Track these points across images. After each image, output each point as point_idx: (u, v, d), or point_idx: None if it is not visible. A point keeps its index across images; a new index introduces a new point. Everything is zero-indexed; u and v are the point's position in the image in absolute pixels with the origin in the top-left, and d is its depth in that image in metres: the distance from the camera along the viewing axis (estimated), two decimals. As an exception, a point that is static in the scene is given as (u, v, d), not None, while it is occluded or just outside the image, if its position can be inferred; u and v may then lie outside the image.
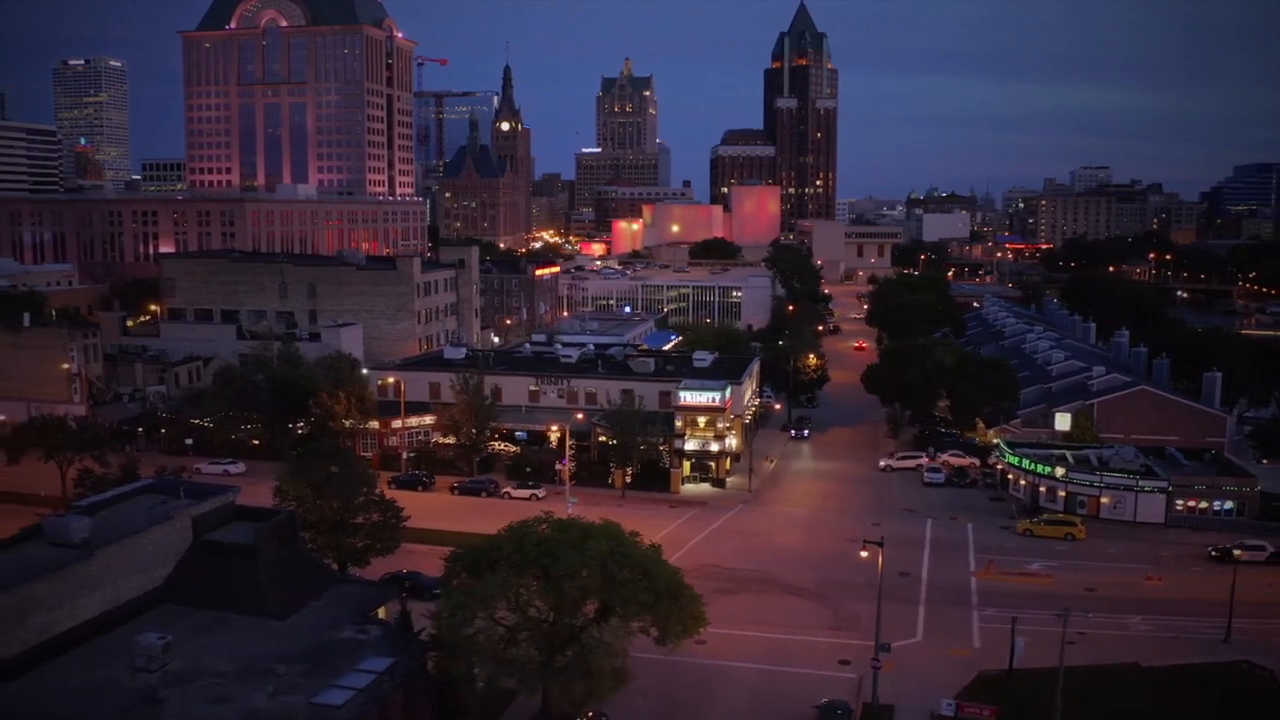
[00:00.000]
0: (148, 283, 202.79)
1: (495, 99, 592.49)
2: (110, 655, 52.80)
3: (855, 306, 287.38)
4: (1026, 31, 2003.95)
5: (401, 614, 61.75)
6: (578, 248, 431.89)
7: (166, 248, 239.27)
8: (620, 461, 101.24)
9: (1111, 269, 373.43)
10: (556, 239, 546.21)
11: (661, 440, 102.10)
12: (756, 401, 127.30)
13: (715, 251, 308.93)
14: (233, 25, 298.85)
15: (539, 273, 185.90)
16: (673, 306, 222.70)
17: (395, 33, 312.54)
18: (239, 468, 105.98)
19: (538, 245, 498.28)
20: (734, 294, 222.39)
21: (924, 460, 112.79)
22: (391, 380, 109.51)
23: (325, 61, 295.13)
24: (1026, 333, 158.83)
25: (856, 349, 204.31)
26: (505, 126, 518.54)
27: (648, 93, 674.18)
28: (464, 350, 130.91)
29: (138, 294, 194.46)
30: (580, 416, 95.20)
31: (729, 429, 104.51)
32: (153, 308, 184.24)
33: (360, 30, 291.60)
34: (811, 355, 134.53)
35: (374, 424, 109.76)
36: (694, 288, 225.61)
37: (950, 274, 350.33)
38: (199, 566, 61.33)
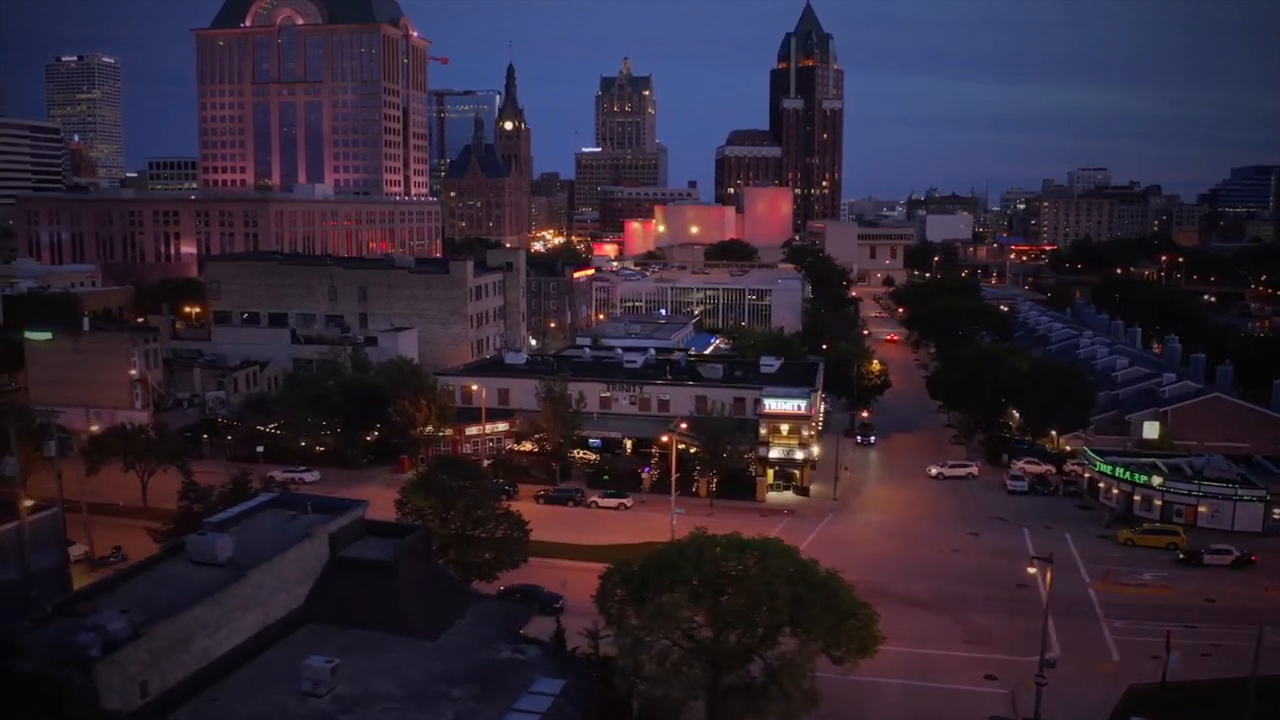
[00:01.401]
0: (175, 283, 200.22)
1: (497, 98, 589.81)
2: (272, 679, 51.38)
3: (874, 307, 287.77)
4: (1026, 32, 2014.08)
5: (557, 632, 60.66)
6: (581, 248, 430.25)
7: (188, 248, 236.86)
8: (706, 469, 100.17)
9: (1120, 271, 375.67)
10: (559, 238, 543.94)
11: (746, 448, 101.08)
12: (823, 408, 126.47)
13: (732, 253, 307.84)
14: (248, 23, 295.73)
15: (576, 275, 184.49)
16: (700, 309, 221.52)
17: (411, 32, 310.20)
18: (313, 475, 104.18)
19: (538, 245, 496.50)
20: (764, 297, 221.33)
21: (974, 469, 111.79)
22: (475, 387, 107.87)
23: (342, 60, 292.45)
24: (1075, 338, 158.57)
25: (889, 340, 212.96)
26: (509, 126, 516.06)
27: (647, 92, 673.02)
28: (524, 356, 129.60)
29: (168, 295, 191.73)
30: (685, 426, 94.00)
31: (812, 436, 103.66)
32: (187, 310, 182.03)
33: (378, 29, 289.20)
34: (875, 361, 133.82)
35: (446, 431, 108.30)
36: (723, 290, 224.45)
37: (964, 275, 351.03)
38: (338, 584, 59.85)
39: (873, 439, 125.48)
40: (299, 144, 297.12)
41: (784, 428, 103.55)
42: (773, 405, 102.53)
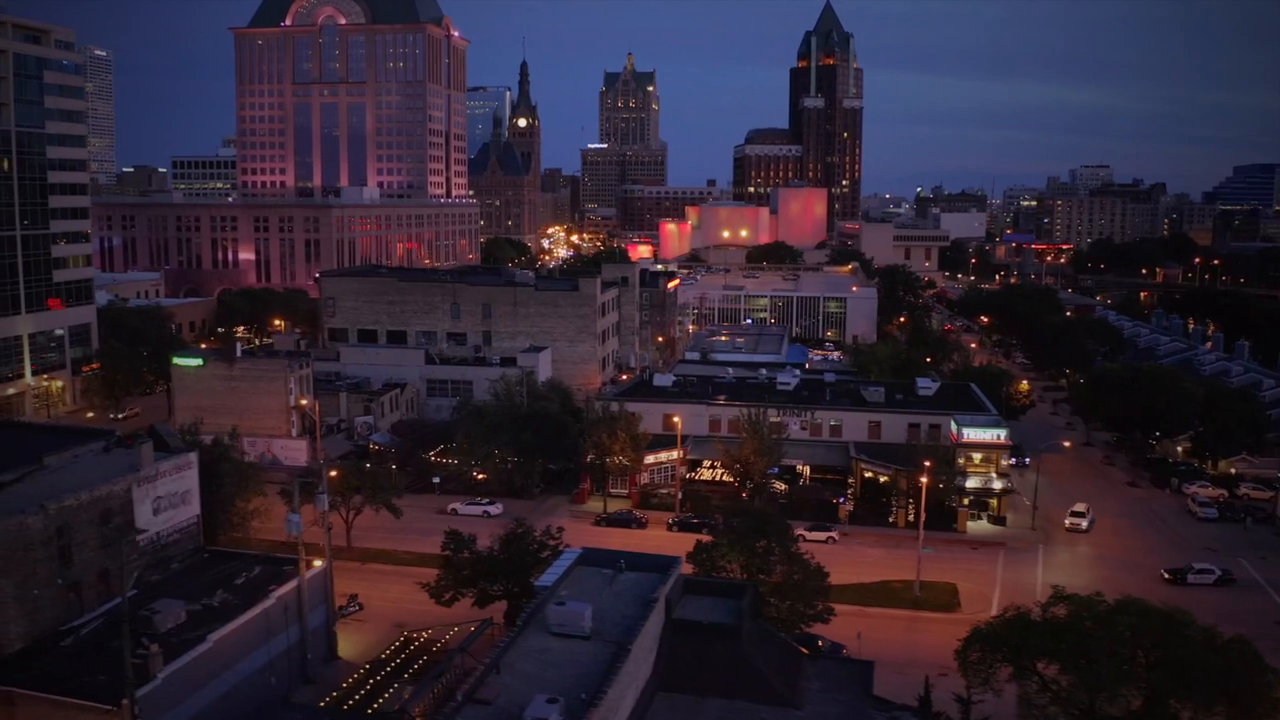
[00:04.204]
0: (255, 294, 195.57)
1: (508, 94, 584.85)
2: (672, 756, 49.64)
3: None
4: (1027, 30, 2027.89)
5: (924, 694, 59.12)
6: (599, 245, 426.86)
7: (245, 254, 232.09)
8: (904, 500, 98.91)
9: (1145, 272, 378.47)
10: (573, 236, 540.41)
11: (946, 477, 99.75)
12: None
13: (775, 255, 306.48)
14: (288, 22, 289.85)
15: (670, 285, 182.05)
16: (772, 317, 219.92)
17: (452, 31, 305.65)
18: (498, 509, 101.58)
19: (547, 242, 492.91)
20: (836, 304, 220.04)
21: (1091, 514, 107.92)
22: (676, 418, 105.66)
23: (386, 61, 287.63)
24: (1187, 352, 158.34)
25: (947, 330, 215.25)
26: (523, 123, 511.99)
27: (651, 88, 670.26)
28: (671, 378, 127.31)
29: (249, 307, 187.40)
30: (929, 464, 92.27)
31: (1010, 465, 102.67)
32: (277, 323, 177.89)
33: (423, 29, 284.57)
34: (1024, 381, 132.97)
35: (626, 461, 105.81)
36: (796, 298, 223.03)
37: (999, 277, 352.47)
38: (678, 650, 58.15)
39: (1028, 460, 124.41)
40: (341, 146, 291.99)
41: (976, 456, 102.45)
42: (972, 434, 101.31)
